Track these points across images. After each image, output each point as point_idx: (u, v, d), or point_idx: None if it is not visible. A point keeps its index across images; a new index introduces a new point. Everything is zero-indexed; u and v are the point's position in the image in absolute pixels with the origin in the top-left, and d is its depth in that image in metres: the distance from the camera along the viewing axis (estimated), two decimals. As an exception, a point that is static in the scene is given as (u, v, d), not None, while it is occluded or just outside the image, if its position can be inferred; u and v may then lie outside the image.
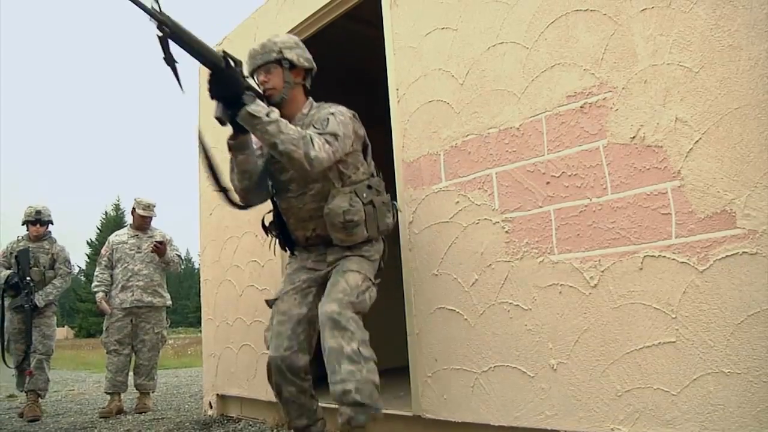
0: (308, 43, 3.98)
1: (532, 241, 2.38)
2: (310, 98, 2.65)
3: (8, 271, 5.37)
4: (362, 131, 2.57)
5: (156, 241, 5.34)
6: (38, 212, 5.54)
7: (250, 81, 2.40)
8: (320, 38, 3.97)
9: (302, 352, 2.49)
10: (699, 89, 1.93)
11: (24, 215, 5.57)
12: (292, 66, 2.55)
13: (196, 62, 2.16)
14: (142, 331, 5.32)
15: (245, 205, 2.64)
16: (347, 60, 5.28)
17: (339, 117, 2.41)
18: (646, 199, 2.04)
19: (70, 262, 5.71)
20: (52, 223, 5.67)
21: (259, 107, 2.19)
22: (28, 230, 5.59)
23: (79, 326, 40.53)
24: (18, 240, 5.63)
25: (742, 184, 1.82)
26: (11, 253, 5.51)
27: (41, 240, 5.61)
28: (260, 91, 2.47)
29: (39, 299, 5.39)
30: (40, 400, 5.28)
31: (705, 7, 1.92)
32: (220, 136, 4.62)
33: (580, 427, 2.17)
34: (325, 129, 2.33)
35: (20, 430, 4.49)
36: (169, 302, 5.56)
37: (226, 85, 2.19)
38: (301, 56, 2.61)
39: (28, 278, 5.33)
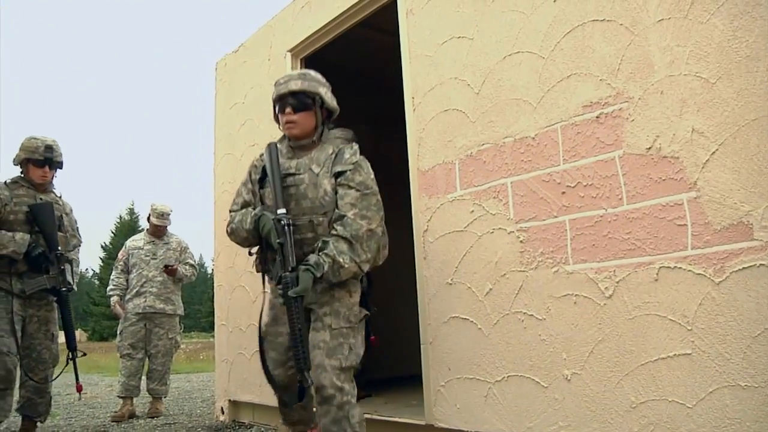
0: (325, 50, 4.02)
1: (547, 251, 2.38)
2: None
3: (24, 235, 3.64)
4: None
5: (165, 265, 5.41)
6: (50, 147, 3.81)
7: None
8: (336, 45, 4.00)
9: None
10: (716, 100, 1.92)
11: (24, 151, 3.78)
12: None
13: (214, 59, 2.28)
14: (156, 336, 5.35)
15: None
16: (363, 67, 5.31)
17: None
18: (662, 210, 2.04)
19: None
20: (61, 167, 3.93)
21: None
22: (28, 174, 3.82)
23: (93, 329, 40.75)
24: (11, 184, 3.78)
25: (760, 195, 1.80)
26: (9, 203, 3.68)
27: (47, 191, 3.92)
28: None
29: (73, 281, 3.98)
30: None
31: (722, 18, 1.92)
32: (235, 142, 4.66)
33: (594, 439, 2.16)
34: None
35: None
36: (181, 311, 5.58)
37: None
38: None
39: (59, 249, 3.76)
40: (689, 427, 1.90)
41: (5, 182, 3.77)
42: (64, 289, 3.77)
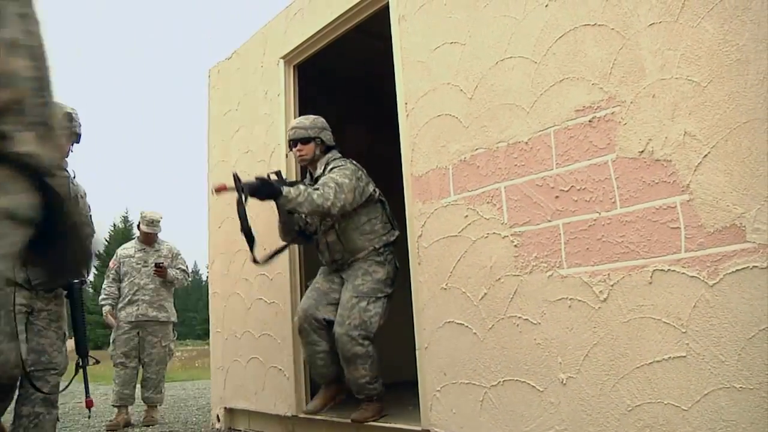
0: (318, 56, 4.02)
1: (541, 255, 2.38)
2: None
3: None
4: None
5: (156, 263, 5.36)
6: (69, 116, 3.18)
7: None
8: (330, 51, 4.01)
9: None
10: (707, 103, 1.93)
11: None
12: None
13: (206, 67, 2.25)
14: (149, 344, 5.32)
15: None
16: (358, 73, 5.31)
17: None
18: (655, 213, 2.04)
19: None
20: (79, 140, 3.26)
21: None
22: None
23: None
24: None
25: (752, 198, 1.81)
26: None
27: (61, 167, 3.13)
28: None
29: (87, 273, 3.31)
30: None
31: (713, 22, 1.93)
32: (229, 149, 4.66)
33: (591, 443, 2.16)
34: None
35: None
36: (174, 318, 5.55)
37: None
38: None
39: None
40: (685, 430, 1.91)
41: None
42: (76, 281, 3.16)
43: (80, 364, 3.22)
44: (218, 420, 4.54)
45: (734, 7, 1.88)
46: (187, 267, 5.80)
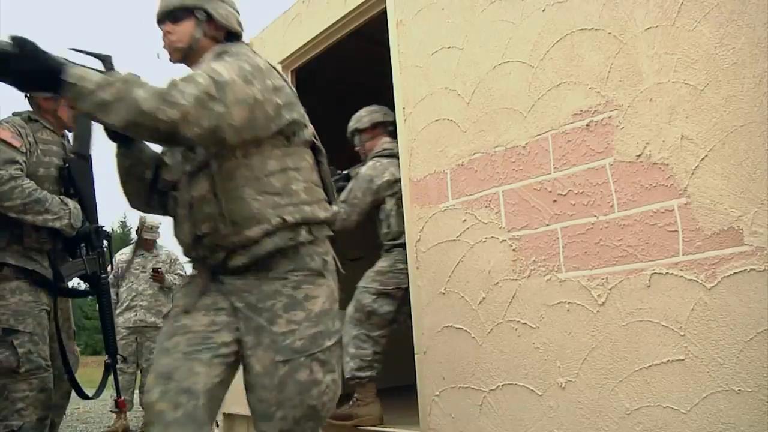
0: (316, 61, 4.03)
1: (540, 259, 2.38)
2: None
3: (77, 204, 2.68)
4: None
5: (154, 269, 5.36)
6: None
7: None
8: (328, 56, 4.02)
9: None
10: (704, 107, 1.93)
11: None
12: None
13: None
14: (148, 350, 5.32)
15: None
16: (357, 77, 5.32)
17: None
18: (653, 216, 2.04)
19: None
20: None
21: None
22: (56, 111, 2.77)
23: (85, 344, 40.37)
24: (30, 123, 2.69)
25: (749, 201, 1.82)
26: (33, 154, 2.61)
27: (65, 136, 2.90)
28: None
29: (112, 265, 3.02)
30: None
31: (709, 26, 1.94)
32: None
33: (590, 446, 2.16)
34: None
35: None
36: None
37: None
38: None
39: (103, 226, 2.82)
40: (684, 433, 1.91)
41: (23, 116, 2.69)
42: (104, 275, 2.82)
43: (110, 364, 2.93)
44: (217, 425, 4.52)
45: (730, 11, 1.89)
46: (185, 272, 5.80)
